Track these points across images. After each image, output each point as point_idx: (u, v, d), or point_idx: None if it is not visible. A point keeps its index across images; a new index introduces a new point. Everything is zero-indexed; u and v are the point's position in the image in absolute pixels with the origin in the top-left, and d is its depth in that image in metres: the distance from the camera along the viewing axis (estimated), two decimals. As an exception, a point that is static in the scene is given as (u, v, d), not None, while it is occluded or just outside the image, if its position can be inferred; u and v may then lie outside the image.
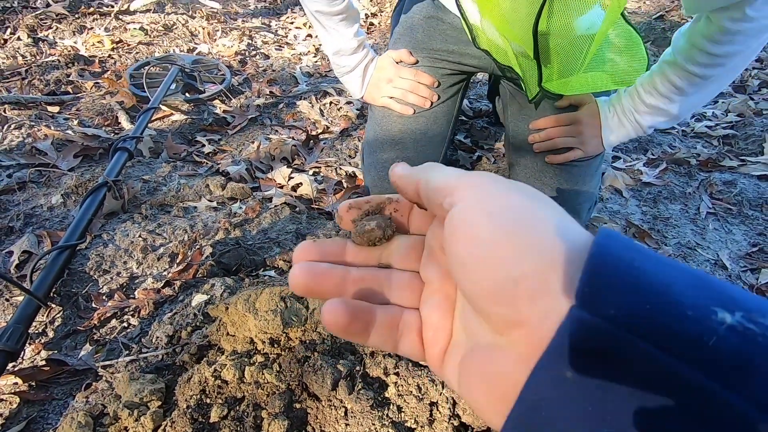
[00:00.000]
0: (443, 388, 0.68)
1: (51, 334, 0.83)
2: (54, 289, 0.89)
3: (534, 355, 0.19)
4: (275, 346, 0.73)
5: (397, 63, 1.02)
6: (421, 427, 0.65)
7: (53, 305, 0.87)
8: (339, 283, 0.29)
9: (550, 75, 0.83)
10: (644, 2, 2.76)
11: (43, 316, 0.86)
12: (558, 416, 0.18)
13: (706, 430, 0.15)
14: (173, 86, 1.60)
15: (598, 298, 0.17)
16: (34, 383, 0.75)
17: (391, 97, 1.03)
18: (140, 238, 1.03)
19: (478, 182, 0.24)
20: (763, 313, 0.16)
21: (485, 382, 0.22)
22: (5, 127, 1.34)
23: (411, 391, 0.68)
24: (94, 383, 0.75)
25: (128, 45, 1.98)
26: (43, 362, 0.78)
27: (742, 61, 0.79)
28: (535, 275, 0.20)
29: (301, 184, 1.28)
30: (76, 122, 1.43)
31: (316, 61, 2.12)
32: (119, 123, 1.46)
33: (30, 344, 0.81)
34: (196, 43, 2.12)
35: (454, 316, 0.27)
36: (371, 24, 2.59)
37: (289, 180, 1.29)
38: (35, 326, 0.83)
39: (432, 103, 1.04)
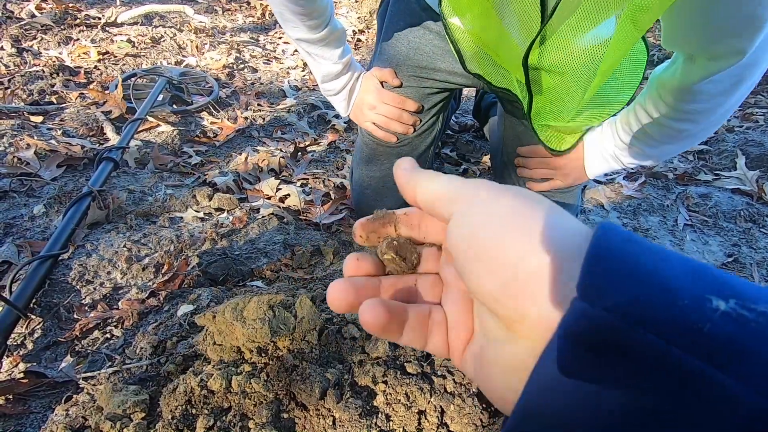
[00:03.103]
0: (431, 396, 0.68)
1: (30, 346, 0.81)
2: (34, 300, 0.87)
3: (541, 348, 0.20)
4: (263, 355, 0.72)
5: (381, 83, 1.00)
6: (410, 435, 0.65)
7: (33, 316, 0.85)
8: (375, 292, 0.30)
9: (541, 110, 0.81)
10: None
11: (22, 327, 0.83)
12: (561, 404, 0.19)
13: (704, 412, 0.16)
14: (160, 98, 1.60)
15: (597, 290, 0.18)
16: (11, 396, 0.73)
17: (374, 123, 1.02)
18: (125, 248, 1.01)
19: (476, 188, 0.25)
20: (755, 299, 0.17)
21: (500, 374, 0.23)
22: (-14, 137, 1.32)
23: (399, 400, 0.68)
24: (74, 395, 0.73)
25: (115, 56, 1.98)
26: (21, 375, 0.76)
27: (713, 118, 0.74)
28: (537, 272, 0.20)
29: (288, 195, 1.28)
30: (60, 132, 1.41)
31: (304, 75, 2.14)
32: (104, 134, 1.45)
33: (8, 356, 0.78)
34: (183, 56, 2.13)
35: (474, 312, 0.28)
36: (358, 40, 2.63)
37: (276, 191, 1.30)
38: (14, 338, 0.81)
39: (415, 129, 1.04)
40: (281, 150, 1.51)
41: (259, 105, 1.79)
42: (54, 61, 1.81)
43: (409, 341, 0.29)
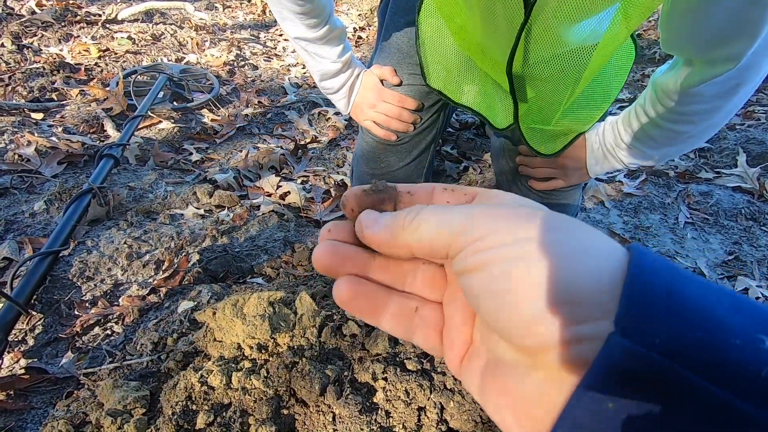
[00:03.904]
0: (431, 393, 0.68)
1: (31, 342, 0.81)
2: (35, 297, 0.87)
3: (567, 380, 0.19)
4: (263, 351, 0.72)
5: (381, 81, 1.00)
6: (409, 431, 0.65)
7: (34, 312, 0.85)
8: (362, 268, 0.27)
9: (528, 113, 0.81)
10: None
11: (23, 323, 0.84)
12: None
13: None
14: (161, 95, 1.60)
15: (640, 325, 0.17)
16: (12, 392, 0.73)
17: (374, 121, 1.02)
18: (125, 245, 1.01)
19: (482, 221, 0.22)
20: None
21: (514, 403, 0.21)
22: (-13, 133, 1.32)
23: (399, 396, 0.68)
24: (75, 391, 0.73)
25: (115, 53, 1.98)
26: (22, 371, 0.76)
27: (713, 120, 0.73)
28: (563, 305, 0.19)
29: (289, 192, 1.28)
30: (60, 129, 1.41)
31: (304, 72, 2.14)
32: (105, 130, 1.45)
33: (9, 352, 0.79)
34: (184, 53, 2.13)
35: (475, 324, 0.26)
36: (359, 38, 2.63)
37: (277, 188, 1.30)
38: (15, 334, 0.81)
39: (415, 127, 1.04)
40: (282, 147, 1.51)
41: (259, 102, 1.79)
42: (54, 58, 1.81)
43: (390, 330, 0.27)
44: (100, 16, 2.21)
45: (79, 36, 2.04)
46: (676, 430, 0.16)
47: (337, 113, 1.74)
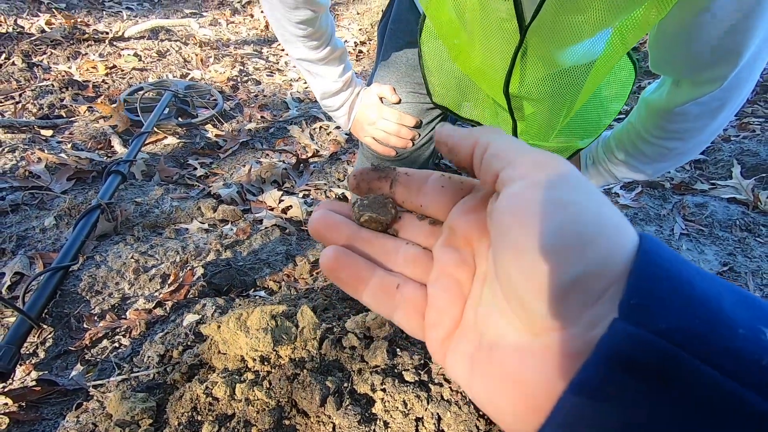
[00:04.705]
0: (428, 403, 0.71)
1: (42, 355, 0.84)
2: (46, 310, 0.90)
3: (573, 366, 0.18)
4: (265, 363, 0.75)
5: (381, 99, 1.04)
6: (407, 441, 0.67)
7: (45, 326, 0.88)
8: (348, 237, 0.29)
9: (526, 130, 0.84)
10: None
11: (34, 336, 0.86)
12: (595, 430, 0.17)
13: None
14: (166, 111, 1.64)
15: (647, 311, 0.17)
16: (23, 403, 0.76)
17: (373, 138, 1.05)
18: (132, 260, 1.04)
19: (543, 162, 0.22)
20: None
21: (512, 388, 0.21)
22: (-1, 151, 1.36)
23: (397, 407, 0.70)
24: (85, 403, 0.75)
25: (122, 70, 2.03)
26: (34, 383, 0.79)
27: (701, 137, 0.75)
28: (592, 280, 0.18)
29: (291, 206, 1.31)
30: (69, 146, 1.45)
31: (306, 87, 2.19)
32: (112, 146, 1.49)
33: (21, 365, 0.81)
34: (189, 69, 2.18)
35: (467, 304, 0.26)
36: (360, 52, 2.68)
37: (279, 202, 1.33)
38: (26, 347, 0.84)
39: (414, 143, 1.07)
40: (284, 161, 1.55)
41: (262, 117, 1.83)
42: (63, 76, 1.86)
43: (371, 305, 0.28)
44: (107, 34, 2.27)
45: (87, 54, 2.10)
46: (679, 416, 0.16)
47: (338, 127, 1.78)
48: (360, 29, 2.91)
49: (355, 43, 2.74)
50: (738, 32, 0.58)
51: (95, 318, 0.91)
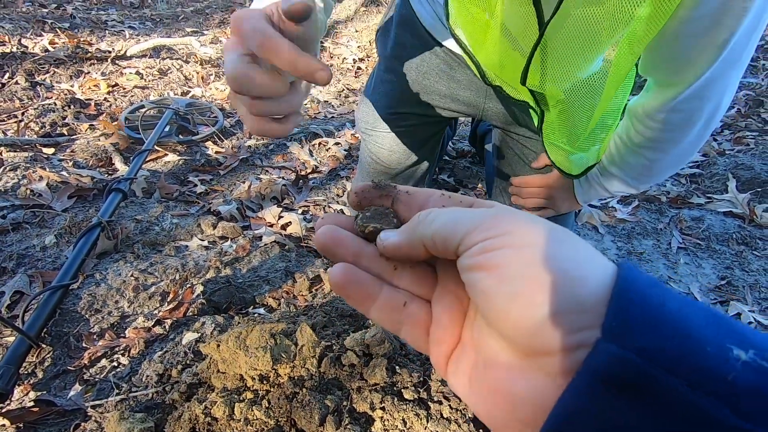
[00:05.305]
0: (428, 422, 0.71)
1: (40, 374, 0.84)
2: (45, 329, 0.90)
3: (562, 384, 0.20)
4: (264, 382, 0.75)
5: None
6: (407, 460, 0.67)
7: (44, 345, 0.88)
8: (355, 254, 0.30)
9: (553, 126, 0.83)
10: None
11: (33, 356, 0.86)
12: None
13: None
14: (167, 128, 1.66)
15: (625, 332, 0.18)
16: (21, 425, 0.75)
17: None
18: (132, 278, 1.05)
19: (501, 219, 0.24)
20: None
21: (506, 403, 0.22)
22: (1, 169, 1.37)
23: (396, 426, 0.70)
24: (83, 423, 0.75)
25: (124, 89, 2.06)
26: (32, 403, 0.78)
27: (681, 147, 0.76)
28: (568, 313, 0.20)
29: (290, 222, 1.32)
30: (70, 164, 1.47)
31: (305, 104, 2.21)
32: (113, 164, 1.51)
33: (19, 385, 0.81)
34: (190, 87, 2.21)
35: (465, 324, 0.27)
36: (359, 68, 2.72)
37: (278, 219, 1.34)
38: (25, 367, 0.84)
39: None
40: (283, 177, 1.56)
41: (262, 134, 1.85)
42: (66, 94, 1.89)
43: (378, 320, 0.29)
44: (110, 52, 2.31)
45: (89, 72, 2.13)
46: (653, 428, 0.17)
47: (338, 143, 1.80)
48: (359, 46, 2.96)
49: (354, 60, 2.78)
50: (714, 30, 0.59)
51: (94, 337, 0.91)
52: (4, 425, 0.75)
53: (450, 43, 0.95)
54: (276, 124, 0.47)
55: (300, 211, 1.41)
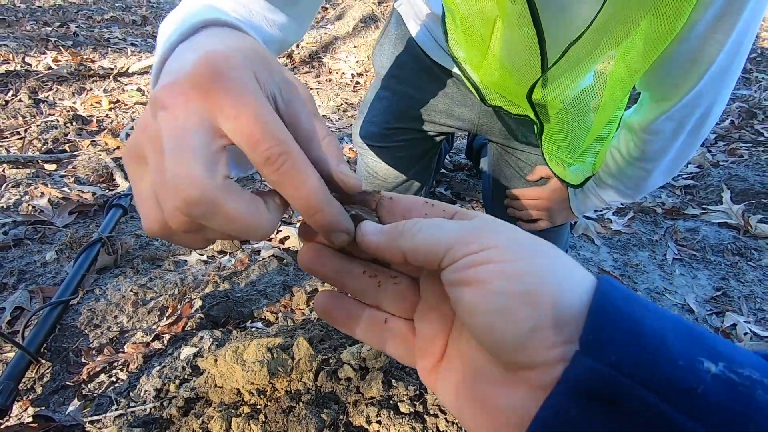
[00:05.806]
0: (424, 435, 0.71)
1: (39, 390, 0.84)
2: (45, 345, 0.91)
3: (542, 396, 0.21)
4: (261, 396, 0.75)
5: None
6: (402, 474, 0.67)
7: (43, 361, 0.89)
8: (337, 270, 0.31)
9: (552, 136, 0.85)
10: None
11: (32, 372, 0.87)
12: None
13: None
14: (168, 144, 1.68)
15: (601, 346, 0.19)
16: (20, 441, 0.76)
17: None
18: (131, 293, 1.06)
19: (485, 233, 0.24)
20: (741, 364, 0.19)
21: (492, 414, 0.23)
22: (3, 186, 1.39)
23: (392, 439, 0.70)
24: (81, 439, 0.76)
25: (125, 105, 2.09)
26: (31, 419, 0.79)
27: (671, 157, 0.78)
28: (549, 328, 0.21)
29: (288, 236, 1.33)
30: (72, 180, 1.49)
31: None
32: (114, 180, 1.53)
33: (18, 400, 0.82)
34: (190, 103, 2.24)
35: (450, 336, 0.28)
36: (357, 83, 2.75)
37: (277, 233, 1.35)
38: (24, 382, 0.85)
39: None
40: (282, 192, 1.58)
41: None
42: (68, 111, 1.92)
43: (364, 338, 0.30)
44: (112, 69, 2.35)
45: (92, 89, 2.17)
46: None
47: (336, 158, 1.82)
48: (357, 61, 3.00)
49: (352, 74, 2.82)
50: (707, 45, 0.61)
51: (93, 352, 0.92)
52: (2, 441, 0.76)
53: (445, 62, 0.97)
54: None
55: (298, 224, 1.43)
